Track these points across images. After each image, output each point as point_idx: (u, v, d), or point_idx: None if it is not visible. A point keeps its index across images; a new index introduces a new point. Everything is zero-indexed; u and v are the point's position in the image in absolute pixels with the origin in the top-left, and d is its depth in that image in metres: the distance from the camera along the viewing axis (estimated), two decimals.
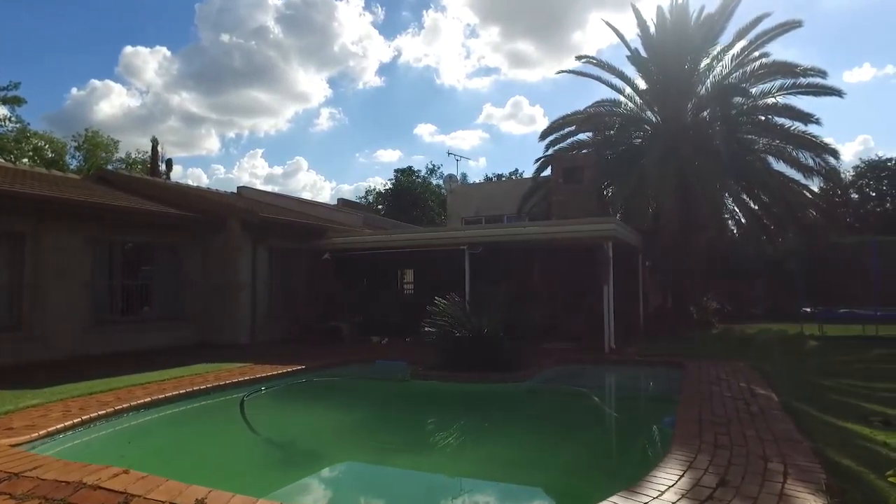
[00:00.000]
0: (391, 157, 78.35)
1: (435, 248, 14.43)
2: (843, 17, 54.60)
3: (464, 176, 43.37)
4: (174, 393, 7.69)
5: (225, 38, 63.14)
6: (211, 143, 72.80)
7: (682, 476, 4.09)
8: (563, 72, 20.84)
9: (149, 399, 7.20)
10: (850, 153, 58.96)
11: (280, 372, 9.60)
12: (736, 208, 17.98)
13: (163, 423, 6.98)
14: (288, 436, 7.04)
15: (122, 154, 40.00)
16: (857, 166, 29.07)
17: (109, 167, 33.65)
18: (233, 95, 63.62)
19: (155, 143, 26.81)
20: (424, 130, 77.14)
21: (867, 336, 13.52)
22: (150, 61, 64.68)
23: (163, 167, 28.37)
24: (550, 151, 19.77)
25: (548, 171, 18.98)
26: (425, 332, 10.04)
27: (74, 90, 62.25)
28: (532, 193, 19.86)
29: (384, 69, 75.57)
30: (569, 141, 19.64)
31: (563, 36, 62.01)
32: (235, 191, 22.49)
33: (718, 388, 7.61)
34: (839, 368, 9.82)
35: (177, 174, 69.63)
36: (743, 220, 18.05)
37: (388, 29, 73.97)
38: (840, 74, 60.17)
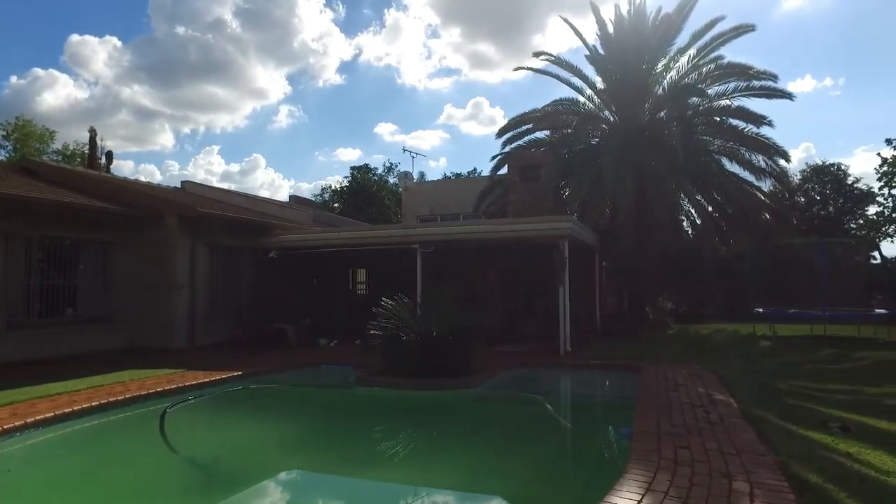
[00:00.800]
0: (351, 156, 77.24)
1: (385, 247, 13.81)
2: (787, 29, 56.58)
3: (422, 175, 42.72)
4: (86, 405, 6.91)
5: (180, 30, 60.69)
6: (165, 139, 69.97)
7: (640, 501, 3.65)
8: (521, 69, 20.36)
9: (52, 414, 6.40)
10: (795, 159, 61.34)
11: (213, 379, 8.88)
12: (691, 209, 18.02)
13: (64, 443, 6.17)
14: (211, 453, 6.32)
15: (58, 145, 37.63)
16: (804, 170, 29.96)
17: (44, 158, 31.55)
18: (188, 90, 61.18)
19: (93, 133, 24.99)
20: (385, 130, 76.08)
21: (815, 336, 13.68)
22: (100, 51, 61.51)
23: (102, 160, 26.62)
24: (507, 149, 19.43)
25: (505, 170, 18.61)
26: (372, 336, 9.45)
27: (14, 78, 58.43)
28: (488, 192, 19.45)
29: (345, 67, 74.26)
30: (526, 139, 19.33)
31: (524, 38, 62.13)
32: (180, 186, 21.34)
33: (676, 394, 7.30)
34: (793, 370, 9.75)
35: (128, 170, 66.94)
36: (698, 221, 18.11)
37: (349, 27, 72.70)
38: (784, 85, 62.28)
